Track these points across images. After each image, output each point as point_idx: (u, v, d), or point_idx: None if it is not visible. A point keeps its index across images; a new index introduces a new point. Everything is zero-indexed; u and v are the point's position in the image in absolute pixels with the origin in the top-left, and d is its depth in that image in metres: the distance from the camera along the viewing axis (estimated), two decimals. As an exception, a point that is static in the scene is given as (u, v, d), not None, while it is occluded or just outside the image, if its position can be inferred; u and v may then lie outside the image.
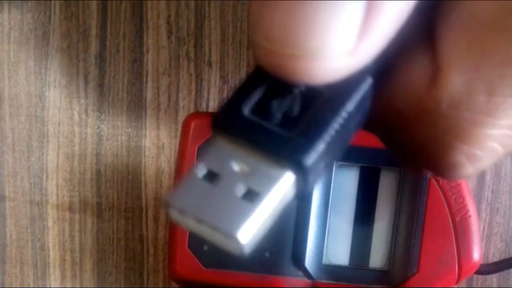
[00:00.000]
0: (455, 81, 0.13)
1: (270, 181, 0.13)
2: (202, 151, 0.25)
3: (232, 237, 0.13)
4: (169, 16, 0.29)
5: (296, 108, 0.13)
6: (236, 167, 0.13)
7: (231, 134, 0.13)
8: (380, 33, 0.12)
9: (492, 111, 0.13)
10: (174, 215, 0.13)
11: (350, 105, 0.13)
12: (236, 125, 0.13)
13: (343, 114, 0.13)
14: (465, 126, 0.14)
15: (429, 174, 0.25)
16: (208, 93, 0.29)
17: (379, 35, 0.12)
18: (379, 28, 0.12)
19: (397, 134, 0.15)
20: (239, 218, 0.13)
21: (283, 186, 0.13)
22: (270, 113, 0.13)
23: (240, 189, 0.13)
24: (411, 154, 0.15)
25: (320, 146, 0.13)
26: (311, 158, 0.13)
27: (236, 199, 0.13)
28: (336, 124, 0.13)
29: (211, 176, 0.13)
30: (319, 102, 0.13)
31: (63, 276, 0.30)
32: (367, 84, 0.14)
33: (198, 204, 0.13)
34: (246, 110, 0.13)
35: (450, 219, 0.25)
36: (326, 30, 0.12)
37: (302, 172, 0.13)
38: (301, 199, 0.14)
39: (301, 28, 0.12)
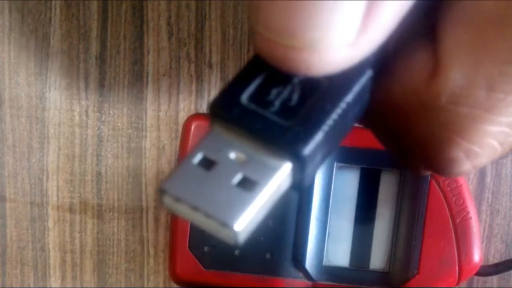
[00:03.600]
0: (456, 75, 0.13)
1: (268, 171, 0.13)
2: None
3: (228, 226, 0.12)
4: (169, 17, 0.29)
5: (295, 97, 0.13)
6: (232, 155, 0.13)
7: (228, 122, 0.13)
8: (381, 26, 0.12)
9: (492, 107, 0.13)
10: (168, 202, 0.13)
11: (350, 97, 0.13)
12: (234, 112, 0.13)
13: (342, 105, 0.13)
14: (463, 121, 0.14)
15: (426, 173, 0.24)
16: (209, 95, 0.29)
17: (380, 28, 0.12)
18: (381, 21, 0.12)
19: (395, 129, 0.15)
20: (236, 207, 0.12)
21: (280, 176, 0.13)
22: (269, 101, 0.13)
23: (237, 178, 0.13)
24: (409, 149, 0.15)
25: (319, 137, 0.13)
26: (309, 148, 0.13)
27: (232, 187, 0.13)
28: (335, 115, 0.13)
29: (207, 164, 0.13)
30: (319, 92, 0.13)
31: (63, 277, 0.30)
32: (366, 76, 0.14)
33: (193, 192, 0.13)
34: (244, 97, 0.13)
35: (450, 221, 0.25)
36: (327, 21, 0.11)
37: (299, 162, 0.13)
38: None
39: (302, 18, 0.11)
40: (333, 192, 0.25)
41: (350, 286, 0.25)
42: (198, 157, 0.13)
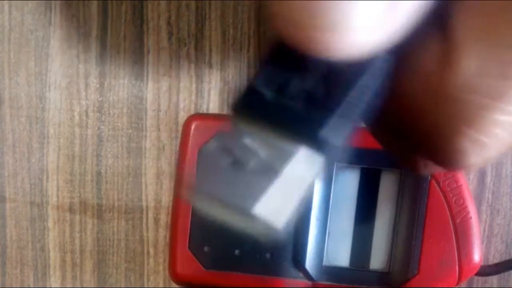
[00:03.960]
0: (467, 63, 0.13)
1: (286, 157, 0.13)
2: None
3: (248, 214, 0.12)
4: (169, 17, 0.29)
5: (315, 86, 0.13)
6: (253, 143, 0.13)
7: (248, 110, 0.13)
8: (407, 9, 0.12)
9: (502, 96, 0.13)
10: (198, 201, 0.13)
11: (370, 85, 0.13)
12: (253, 101, 0.13)
13: (361, 91, 0.13)
14: (473, 110, 0.13)
15: (426, 171, 0.24)
16: (209, 95, 0.29)
17: (405, 12, 0.12)
18: (405, 6, 0.12)
19: (402, 120, 0.15)
20: (255, 194, 0.12)
21: (299, 161, 0.13)
22: (288, 89, 0.13)
23: (257, 166, 0.13)
24: (415, 142, 0.15)
25: (338, 124, 0.13)
26: (329, 134, 0.13)
27: (252, 175, 0.13)
28: (354, 101, 0.13)
29: (228, 153, 0.13)
30: (338, 80, 0.13)
31: (63, 277, 0.30)
32: (386, 62, 0.13)
33: (213, 182, 0.13)
34: (262, 85, 0.13)
35: (450, 221, 0.25)
36: (350, 2, 0.11)
37: (319, 149, 0.13)
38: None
39: None
40: (333, 192, 0.25)
41: (350, 286, 0.25)
42: (217, 148, 0.13)
